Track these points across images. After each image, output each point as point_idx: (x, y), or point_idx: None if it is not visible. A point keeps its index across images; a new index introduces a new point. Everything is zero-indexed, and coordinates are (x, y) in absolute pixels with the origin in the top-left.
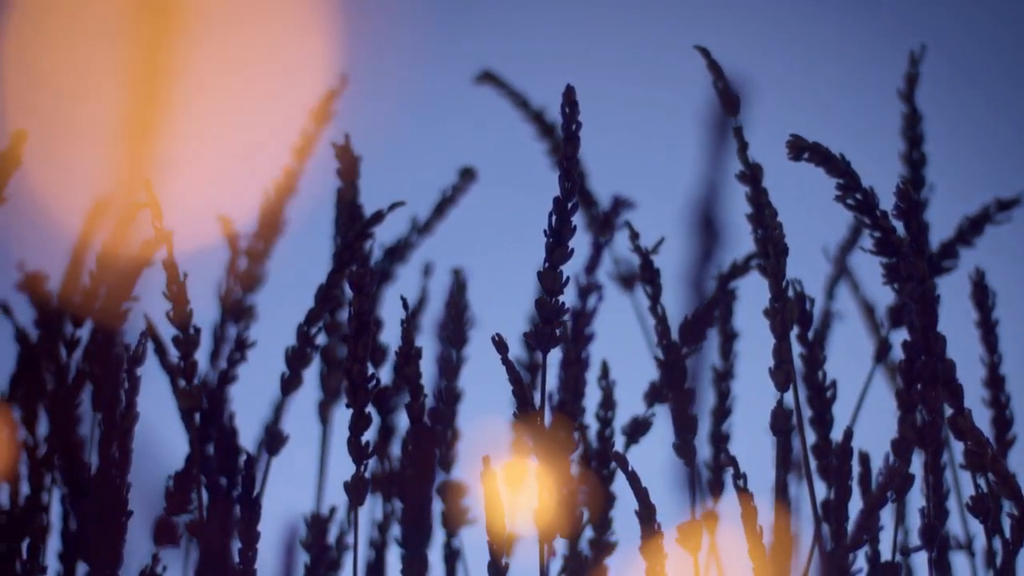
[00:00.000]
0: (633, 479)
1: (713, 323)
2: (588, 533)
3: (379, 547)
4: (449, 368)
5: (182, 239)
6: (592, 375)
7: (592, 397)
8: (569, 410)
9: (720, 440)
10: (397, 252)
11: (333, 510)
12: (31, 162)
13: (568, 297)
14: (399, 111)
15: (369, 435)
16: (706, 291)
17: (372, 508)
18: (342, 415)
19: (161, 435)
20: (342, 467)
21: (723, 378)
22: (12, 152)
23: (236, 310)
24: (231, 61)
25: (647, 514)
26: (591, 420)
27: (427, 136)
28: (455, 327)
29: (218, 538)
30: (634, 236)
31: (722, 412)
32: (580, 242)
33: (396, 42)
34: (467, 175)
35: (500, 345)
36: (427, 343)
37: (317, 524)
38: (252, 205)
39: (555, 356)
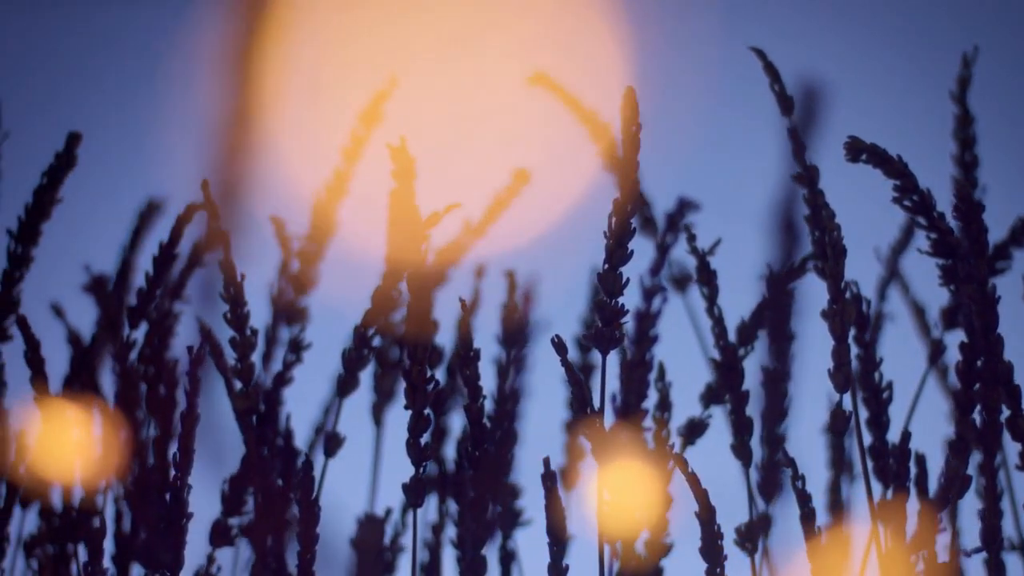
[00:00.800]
0: (693, 481)
1: (770, 325)
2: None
3: (433, 548)
4: (505, 370)
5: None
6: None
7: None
8: (633, 412)
9: (776, 442)
10: (450, 254)
11: (389, 511)
12: (86, 162)
13: (629, 299)
14: (448, 112)
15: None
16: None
17: (425, 509)
18: (395, 417)
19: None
20: (394, 468)
21: (778, 380)
22: (68, 153)
23: (289, 312)
24: (282, 63)
25: (707, 516)
26: (646, 421)
27: (477, 137)
28: (509, 329)
29: (275, 540)
30: (691, 238)
31: (778, 414)
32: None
33: (446, 42)
34: (521, 177)
35: (560, 347)
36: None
37: (372, 525)
38: (304, 207)
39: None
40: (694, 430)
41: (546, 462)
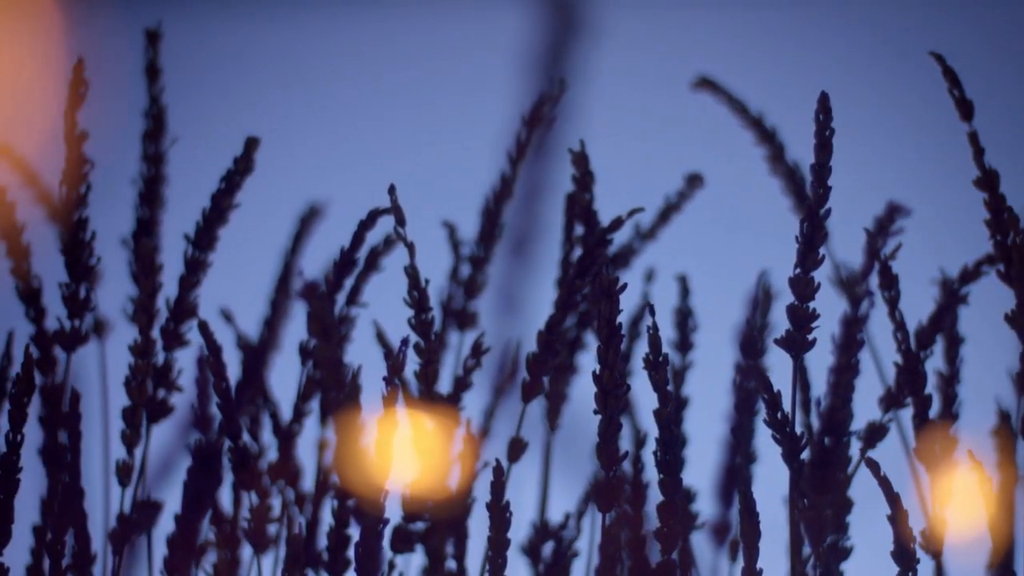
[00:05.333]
0: (885, 484)
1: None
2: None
3: (606, 553)
4: (680, 374)
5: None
6: (818, 378)
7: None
8: (840, 417)
9: (950, 444)
10: (620, 258)
11: (568, 517)
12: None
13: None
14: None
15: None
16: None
17: (593, 514)
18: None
19: None
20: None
21: (949, 383)
22: (246, 158)
23: (459, 316)
24: (439, 71)
25: (899, 518)
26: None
27: (640, 141)
28: (680, 333)
29: (456, 545)
30: (870, 241)
31: (949, 417)
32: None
33: (611, 47)
34: (694, 181)
35: (748, 350)
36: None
37: (546, 531)
38: (471, 211)
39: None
40: (875, 434)
41: None
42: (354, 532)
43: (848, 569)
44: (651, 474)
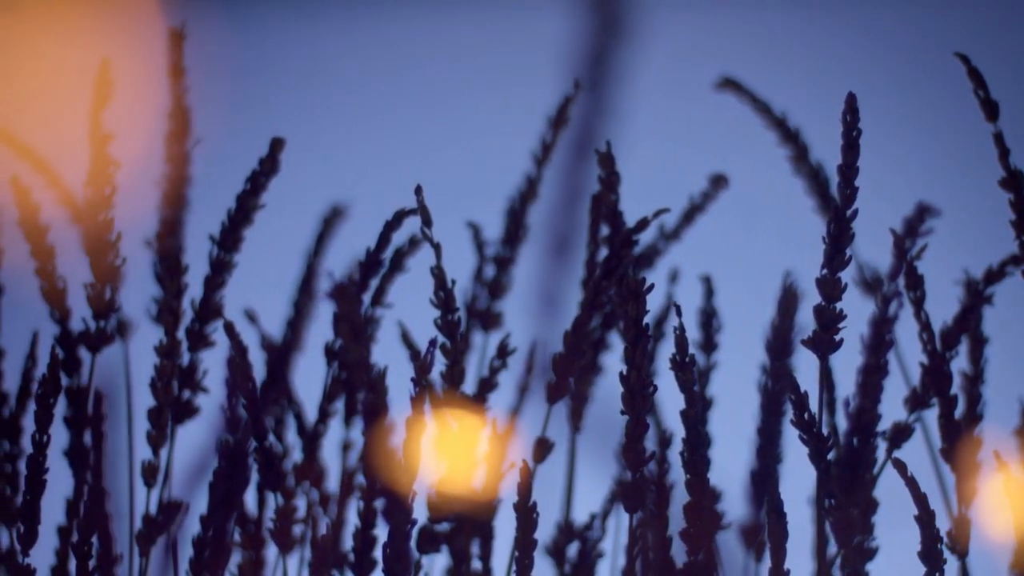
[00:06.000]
0: (912, 485)
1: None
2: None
3: (631, 554)
4: (705, 375)
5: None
6: (846, 379)
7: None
8: (869, 417)
9: (974, 445)
10: (645, 259)
11: (593, 517)
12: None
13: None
14: (641, 115)
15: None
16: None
17: (617, 515)
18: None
19: None
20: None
21: (973, 383)
22: (271, 159)
23: (484, 317)
24: (464, 71)
25: (927, 519)
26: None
27: (662, 141)
28: (704, 333)
29: (483, 546)
30: (898, 242)
31: (974, 418)
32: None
33: (639, 47)
34: (718, 181)
35: (776, 351)
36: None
37: (570, 531)
38: (494, 212)
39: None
40: (900, 434)
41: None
42: (380, 533)
43: (871, 570)
44: (677, 475)
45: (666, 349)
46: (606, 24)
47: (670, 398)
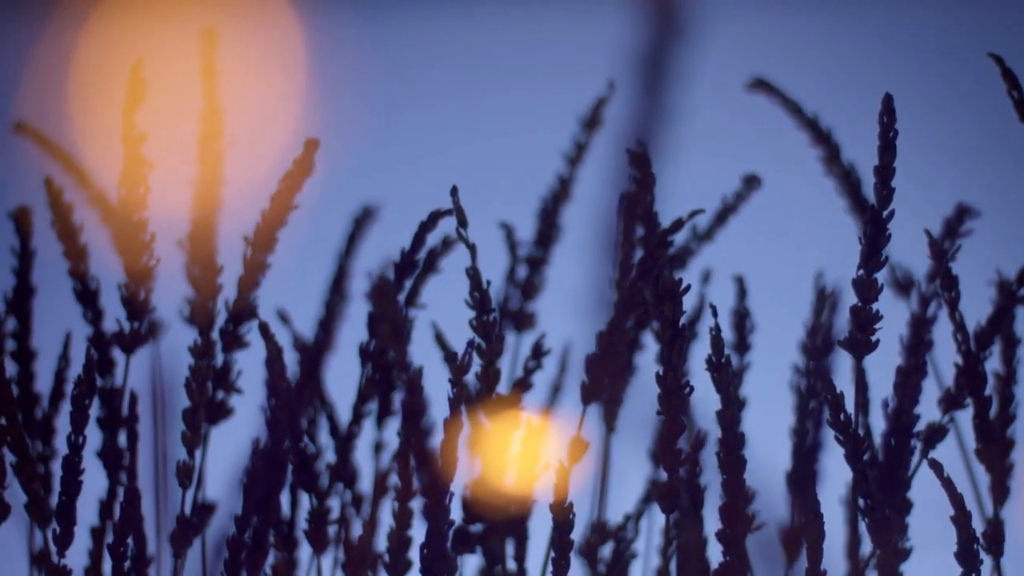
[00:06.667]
0: (948, 485)
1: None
2: None
3: (665, 555)
4: (739, 375)
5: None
6: (878, 380)
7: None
8: (908, 418)
9: (1007, 445)
10: (678, 259)
11: (628, 518)
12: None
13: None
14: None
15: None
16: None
17: (650, 516)
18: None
19: None
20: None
21: (1006, 384)
22: (305, 159)
23: (516, 318)
24: (502, 70)
25: (963, 519)
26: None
27: (699, 142)
28: (738, 334)
29: (517, 547)
30: (933, 244)
31: (1007, 418)
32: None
33: (697, 49)
34: (751, 182)
35: (813, 352)
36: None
37: (603, 532)
38: (527, 212)
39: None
40: (934, 435)
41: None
42: (415, 534)
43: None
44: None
45: (698, 350)
46: (664, 25)
47: (702, 398)
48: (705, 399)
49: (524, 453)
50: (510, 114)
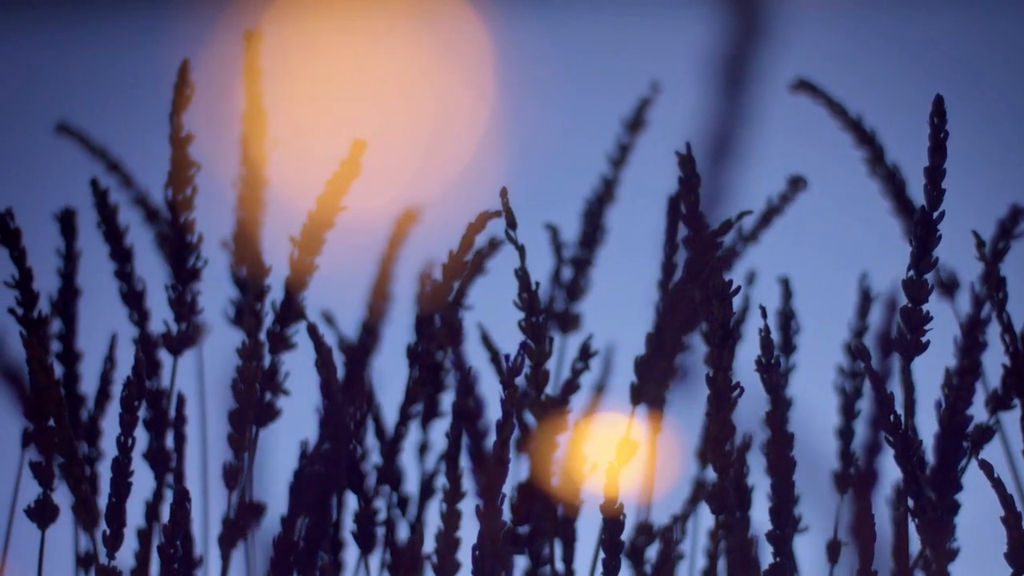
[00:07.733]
0: (999, 486)
1: None
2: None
3: (712, 556)
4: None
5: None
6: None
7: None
8: (961, 420)
9: None
10: (724, 261)
11: (676, 518)
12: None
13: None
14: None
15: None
16: None
17: (696, 517)
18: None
19: None
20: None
21: None
22: (352, 161)
23: (561, 319)
24: (543, 75)
25: (1013, 520)
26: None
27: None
28: (783, 335)
29: (565, 549)
30: (980, 244)
31: None
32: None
33: (776, 52)
34: (796, 184)
35: (863, 353)
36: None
37: (649, 533)
38: (572, 214)
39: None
40: (982, 436)
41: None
42: (462, 535)
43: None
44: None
45: (744, 350)
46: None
47: (745, 399)
48: (747, 400)
49: (572, 454)
50: (574, 117)
